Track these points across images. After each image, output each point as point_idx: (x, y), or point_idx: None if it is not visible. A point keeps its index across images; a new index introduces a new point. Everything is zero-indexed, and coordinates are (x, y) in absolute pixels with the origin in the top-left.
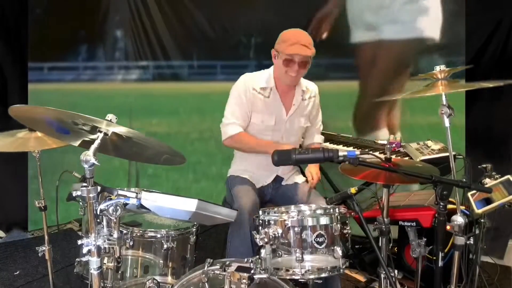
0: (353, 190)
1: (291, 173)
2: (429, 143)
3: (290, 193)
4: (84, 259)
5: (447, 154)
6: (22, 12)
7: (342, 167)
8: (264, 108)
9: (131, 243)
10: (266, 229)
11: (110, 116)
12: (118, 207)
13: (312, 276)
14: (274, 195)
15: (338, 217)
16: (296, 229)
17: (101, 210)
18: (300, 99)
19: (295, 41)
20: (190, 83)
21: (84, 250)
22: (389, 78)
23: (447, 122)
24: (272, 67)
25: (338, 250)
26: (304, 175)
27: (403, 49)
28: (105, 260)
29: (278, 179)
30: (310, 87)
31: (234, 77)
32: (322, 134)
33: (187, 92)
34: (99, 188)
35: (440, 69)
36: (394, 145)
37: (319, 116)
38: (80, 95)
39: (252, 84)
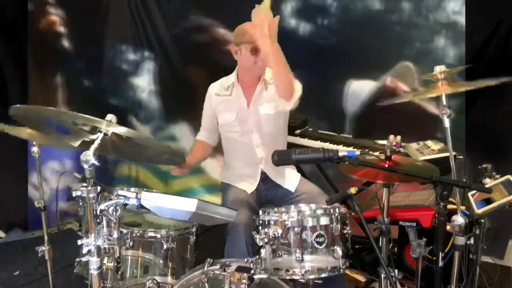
0: (353, 190)
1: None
2: (429, 143)
3: (287, 198)
4: (84, 259)
5: (447, 154)
6: (22, 12)
7: (343, 167)
8: (225, 107)
9: (131, 243)
10: (266, 229)
11: (110, 116)
12: (118, 207)
13: (312, 276)
14: (270, 196)
15: (338, 217)
16: (296, 229)
17: (101, 210)
18: (261, 87)
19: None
20: None
21: (84, 250)
22: None
23: (447, 122)
24: (235, 70)
25: (338, 250)
26: (301, 172)
27: None
28: (105, 260)
29: (267, 179)
30: None
31: None
32: (322, 134)
33: None
34: (99, 188)
35: (440, 70)
36: (394, 145)
37: None
38: None
39: (215, 90)
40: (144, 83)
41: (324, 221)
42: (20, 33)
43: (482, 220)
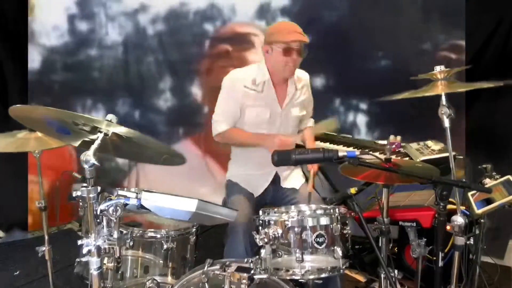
0: (353, 190)
1: (289, 171)
2: (429, 143)
3: (291, 197)
4: (84, 259)
5: (447, 154)
6: (22, 12)
7: (342, 168)
8: (257, 102)
9: (131, 243)
10: (266, 229)
11: (110, 116)
12: (118, 207)
13: (312, 277)
14: (275, 199)
15: (338, 217)
16: (296, 229)
17: (101, 210)
18: (293, 89)
19: (292, 30)
20: None
21: (84, 250)
22: None
23: (447, 122)
24: (261, 62)
25: (338, 250)
26: (304, 173)
27: None
28: (105, 260)
29: (277, 180)
30: (301, 76)
31: None
32: (321, 134)
33: None
34: (99, 188)
35: (440, 69)
36: (394, 145)
37: (312, 104)
38: None
39: (242, 81)
40: None
41: (324, 221)
42: (20, 33)
43: (482, 220)
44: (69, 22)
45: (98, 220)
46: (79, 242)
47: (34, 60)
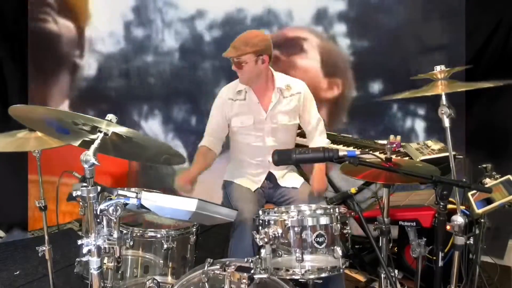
0: (353, 190)
1: (285, 171)
2: (429, 143)
3: (289, 196)
4: (84, 259)
5: (447, 154)
6: (22, 12)
7: (343, 167)
8: (241, 110)
9: (131, 243)
10: (266, 229)
11: (110, 116)
12: (118, 207)
13: (312, 276)
14: (272, 196)
15: (338, 217)
16: (296, 229)
17: (101, 210)
18: (278, 96)
19: (235, 42)
20: None
21: (84, 250)
22: None
23: (447, 122)
24: None
25: (338, 250)
26: (301, 174)
27: None
28: (105, 260)
29: (272, 178)
30: (293, 84)
31: None
32: None
33: None
34: (99, 188)
35: (440, 69)
36: (394, 145)
37: (313, 113)
38: None
39: (228, 94)
40: None
41: (324, 221)
42: (20, 32)
43: (482, 220)
44: (125, 28)
45: (98, 220)
46: (79, 242)
47: (91, 66)
